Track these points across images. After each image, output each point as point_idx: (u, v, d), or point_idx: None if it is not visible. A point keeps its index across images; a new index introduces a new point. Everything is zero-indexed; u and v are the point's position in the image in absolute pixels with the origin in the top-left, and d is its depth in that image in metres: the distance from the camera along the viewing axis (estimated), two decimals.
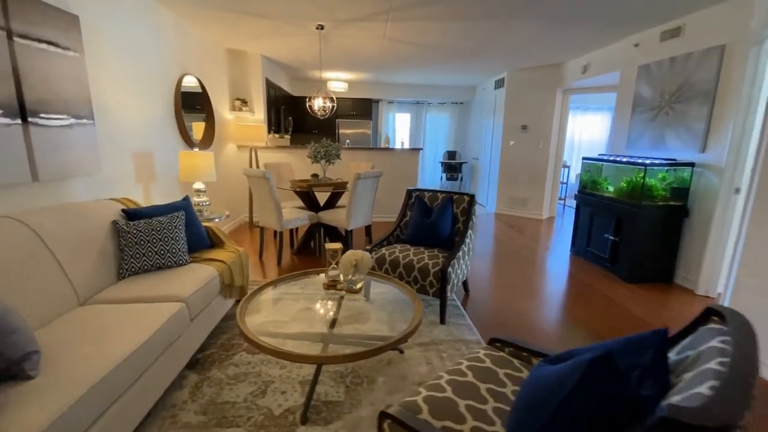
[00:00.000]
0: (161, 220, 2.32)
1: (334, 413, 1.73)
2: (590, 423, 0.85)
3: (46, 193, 2.13)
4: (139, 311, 1.73)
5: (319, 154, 4.02)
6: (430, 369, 2.07)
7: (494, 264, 3.91)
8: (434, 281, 2.51)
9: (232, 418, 1.68)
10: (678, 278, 3.40)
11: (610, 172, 3.84)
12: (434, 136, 8.54)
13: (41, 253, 1.76)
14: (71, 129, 2.24)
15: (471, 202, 2.95)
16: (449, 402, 1.19)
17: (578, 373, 0.85)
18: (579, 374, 0.85)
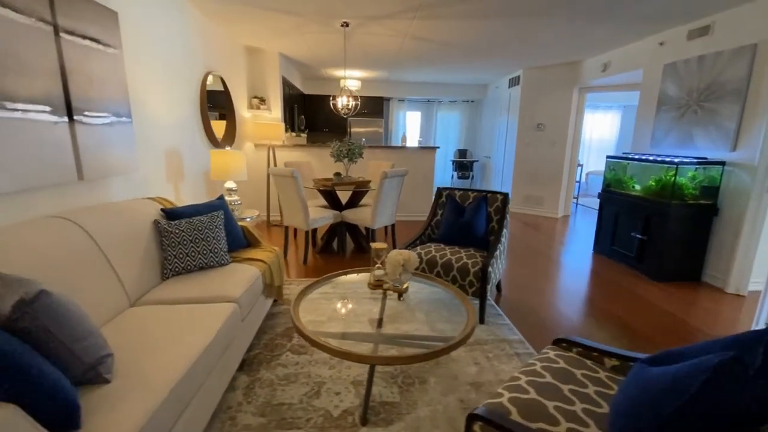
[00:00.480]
0: (202, 219, 2.29)
1: (392, 414, 1.71)
2: (711, 427, 0.84)
3: (89, 192, 2.11)
4: (196, 312, 1.70)
5: (341, 153, 4.00)
6: (479, 369, 2.06)
7: (518, 263, 3.90)
8: (474, 281, 2.50)
9: (291, 420, 1.66)
10: (706, 277, 3.40)
11: (636, 170, 3.83)
12: (445, 135, 8.53)
13: (94, 254, 1.73)
14: (112, 127, 2.21)
15: (505, 200, 2.94)
16: (537, 403, 1.17)
17: (704, 375, 0.84)
18: (705, 377, 0.84)
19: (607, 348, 1.46)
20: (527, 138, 6.15)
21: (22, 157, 1.62)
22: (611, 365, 1.43)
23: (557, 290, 3.22)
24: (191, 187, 3.32)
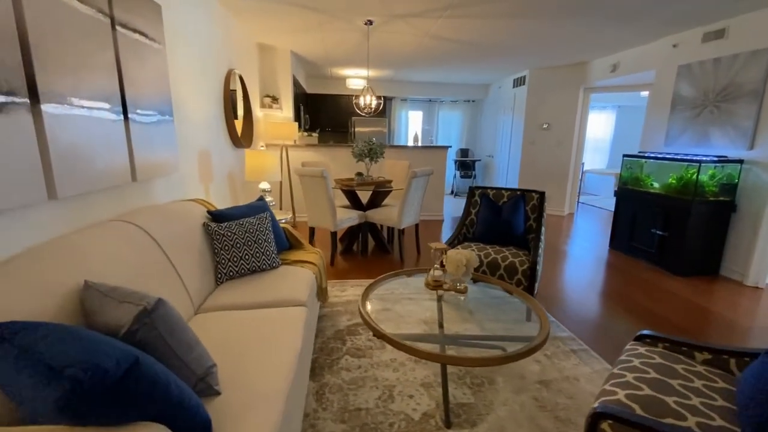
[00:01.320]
0: (251, 221, 2.22)
1: (472, 415, 1.70)
2: None
3: (141, 194, 2.01)
4: (271, 317, 1.65)
5: (363, 152, 3.96)
6: (542, 367, 2.07)
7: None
8: (522, 279, 2.51)
9: (374, 425, 1.63)
10: (724, 270, 3.53)
11: (653, 168, 3.94)
12: (446, 134, 8.57)
13: (161, 259, 1.65)
14: (158, 126, 2.12)
15: (541, 199, 2.97)
16: (656, 399, 1.18)
17: None
18: None
19: (696, 342, 1.49)
20: (533, 137, 6.25)
21: (89, 157, 1.53)
22: (702, 359, 1.46)
23: (584, 285, 3.28)
24: (218, 189, 3.22)
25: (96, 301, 1.12)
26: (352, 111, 7.69)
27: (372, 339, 2.32)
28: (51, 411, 0.74)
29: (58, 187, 1.35)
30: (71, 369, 0.71)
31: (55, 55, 1.34)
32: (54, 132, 1.33)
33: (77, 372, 0.71)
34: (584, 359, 2.16)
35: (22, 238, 1.26)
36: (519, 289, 2.15)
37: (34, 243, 1.32)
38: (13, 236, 1.23)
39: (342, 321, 2.53)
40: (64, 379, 0.71)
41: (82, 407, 0.72)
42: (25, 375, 0.77)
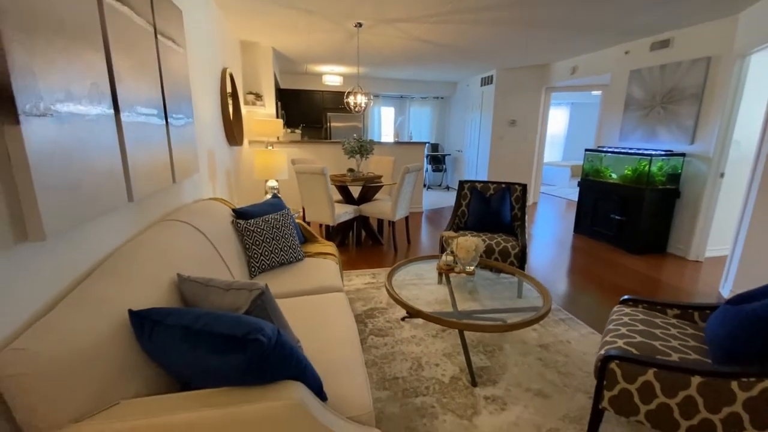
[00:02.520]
0: (276, 217, 2.37)
1: (492, 375, 2.01)
2: None
3: (176, 195, 2.10)
4: (317, 302, 1.84)
5: (354, 149, 4.15)
6: (538, 334, 2.43)
7: None
8: (515, 261, 2.87)
9: (413, 389, 1.89)
10: (671, 248, 4.14)
11: (611, 161, 4.48)
12: (417, 130, 8.89)
13: (213, 253, 1.79)
14: (185, 129, 2.20)
15: (524, 190, 3.35)
16: (647, 344, 1.54)
17: None
18: None
19: (667, 301, 1.89)
20: (502, 133, 6.72)
21: (150, 161, 1.63)
22: (673, 314, 1.86)
23: (557, 264, 3.73)
24: (221, 187, 3.28)
25: (199, 291, 1.28)
26: (326, 106, 7.78)
27: (390, 320, 2.56)
28: (231, 373, 0.92)
29: (134, 190, 1.45)
30: (253, 335, 0.90)
31: (126, 67, 1.44)
32: (130, 139, 1.43)
33: (260, 336, 0.90)
34: (571, 325, 2.55)
35: (108, 238, 1.37)
36: (520, 271, 2.49)
37: (118, 242, 1.42)
38: (102, 235, 1.34)
39: (357, 307, 2.75)
40: (249, 344, 0.89)
41: (263, 366, 0.92)
42: (202, 349, 0.94)
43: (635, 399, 1.43)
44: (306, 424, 0.98)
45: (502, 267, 2.57)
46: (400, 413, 1.72)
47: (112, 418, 0.87)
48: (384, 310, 2.72)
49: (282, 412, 0.95)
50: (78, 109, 1.11)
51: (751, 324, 1.33)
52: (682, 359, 1.44)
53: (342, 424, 1.07)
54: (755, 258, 2.81)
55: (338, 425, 1.05)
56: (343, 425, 1.07)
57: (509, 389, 1.90)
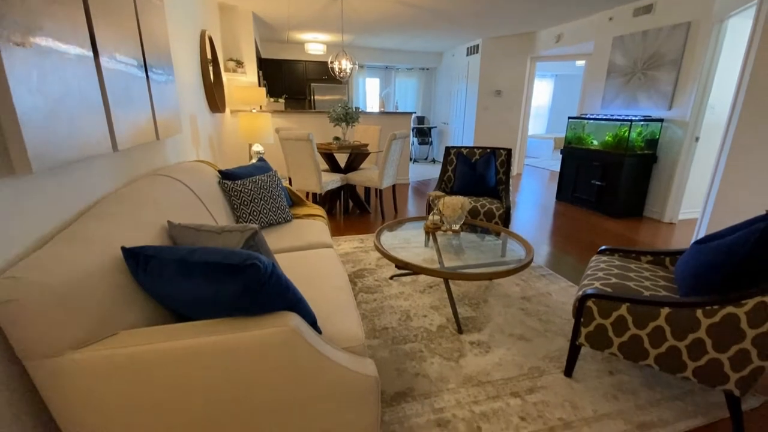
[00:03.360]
0: (263, 179, 2.37)
1: (477, 323, 2.11)
2: (763, 274, 1.35)
3: (160, 153, 2.07)
4: (308, 256, 1.87)
5: (341, 117, 4.11)
6: (521, 288, 2.54)
7: None
8: (499, 222, 2.95)
9: (402, 337, 1.97)
10: (647, 211, 4.30)
11: (592, 128, 4.57)
12: (403, 102, 8.80)
13: (201, 208, 1.79)
14: (166, 86, 2.14)
15: (508, 155, 3.40)
16: (622, 285, 1.64)
17: (755, 236, 1.34)
18: (756, 236, 1.33)
19: (641, 249, 1.99)
20: (487, 103, 6.72)
21: (131, 112, 1.60)
22: (647, 260, 1.97)
23: (538, 228, 3.85)
24: (205, 153, 3.23)
25: (191, 236, 1.29)
26: (310, 77, 7.60)
27: (378, 279, 2.63)
28: (230, 300, 0.95)
29: (118, 138, 1.43)
30: (250, 261, 0.93)
31: (104, 13, 1.39)
32: (110, 86, 1.40)
33: (256, 262, 0.93)
34: (552, 280, 2.67)
35: (97, 184, 1.36)
36: (505, 229, 2.57)
37: (107, 190, 1.41)
38: (91, 181, 1.32)
39: (347, 268, 2.81)
40: (247, 269, 0.92)
41: (259, 294, 0.95)
42: (199, 278, 0.96)
43: (609, 333, 1.53)
44: (302, 349, 1.02)
45: (486, 225, 2.65)
46: (390, 357, 1.81)
47: (111, 346, 0.90)
48: (373, 270, 2.78)
49: (279, 338, 0.99)
50: (57, 45, 1.08)
51: (716, 256, 1.43)
52: (653, 295, 1.55)
53: (336, 352, 1.12)
54: (723, 218, 2.96)
55: (332, 352, 1.10)
56: (337, 353, 1.12)
57: (493, 335, 2.00)
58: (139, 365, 0.91)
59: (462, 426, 1.42)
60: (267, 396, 1.03)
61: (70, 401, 0.90)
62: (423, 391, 1.60)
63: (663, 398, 1.58)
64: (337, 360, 1.09)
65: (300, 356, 1.03)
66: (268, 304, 1.02)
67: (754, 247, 1.33)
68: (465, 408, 1.51)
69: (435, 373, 1.70)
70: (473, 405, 1.52)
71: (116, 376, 0.90)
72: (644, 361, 1.48)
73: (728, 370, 1.33)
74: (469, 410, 1.49)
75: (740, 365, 1.31)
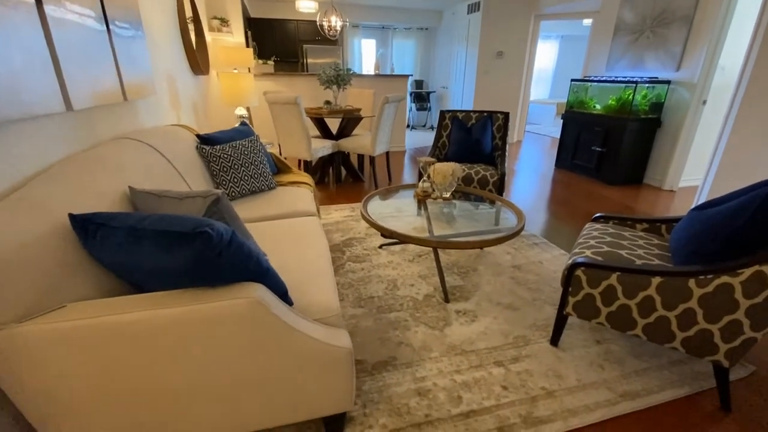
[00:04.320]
0: (244, 143, 2.25)
1: (465, 292, 2.07)
2: (763, 241, 1.27)
3: (129, 115, 1.94)
4: (290, 224, 1.80)
5: (331, 79, 3.91)
6: (512, 256, 2.48)
7: None
8: (493, 189, 2.85)
9: (387, 306, 1.93)
10: (647, 179, 4.19)
11: (596, 92, 4.36)
12: (401, 65, 8.44)
13: (173, 173, 1.70)
14: (134, 42, 1.98)
15: (506, 119, 3.25)
16: (613, 253, 1.57)
17: (757, 202, 1.25)
18: (758, 203, 1.25)
19: (637, 216, 1.91)
20: (487, 66, 6.43)
21: (88, 70, 1.46)
22: (642, 228, 1.89)
23: (536, 196, 3.76)
24: (187, 117, 3.08)
25: (152, 202, 1.21)
26: (302, 38, 7.24)
27: (367, 248, 2.57)
28: (183, 271, 0.88)
29: (72, 96, 1.32)
30: (200, 228, 0.85)
31: None
32: (59, 37, 1.27)
33: (207, 230, 0.85)
34: (544, 249, 2.61)
35: (48, 149, 1.26)
36: (498, 196, 2.48)
37: (61, 155, 1.31)
38: (40, 145, 1.22)
39: (336, 237, 2.74)
40: (197, 237, 0.84)
41: (208, 263, 0.87)
42: (148, 246, 0.89)
43: (597, 302, 1.48)
44: (267, 321, 0.97)
45: (478, 193, 2.55)
46: (374, 326, 1.77)
47: (55, 319, 0.84)
48: (362, 239, 2.71)
49: (240, 310, 0.93)
50: None
51: (714, 224, 1.35)
52: (645, 264, 1.48)
53: (307, 324, 1.07)
54: (725, 185, 2.86)
55: (302, 324, 1.05)
56: (307, 325, 1.07)
57: (480, 304, 1.96)
58: (87, 340, 0.85)
59: (442, 395, 1.40)
60: (232, 369, 0.99)
61: (17, 375, 0.85)
62: (405, 360, 1.57)
63: (650, 367, 1.56)
64: (306, 332, 1.03)
65: (265, 329, 0.97)
66: (228, 275, 0.95)
67: (755, 214, 1.25)
68: (447, 377, 1.48)
69: (419, 342, 1.67)
70: (455, 374, 1.50)
71: (63, 350, 0.85)
72: (632, 331, 1.44)
73: (718, 341, 1.29)
74: (450, 379, 1.47)
75: (731, 336, 1.26)
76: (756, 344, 1.40)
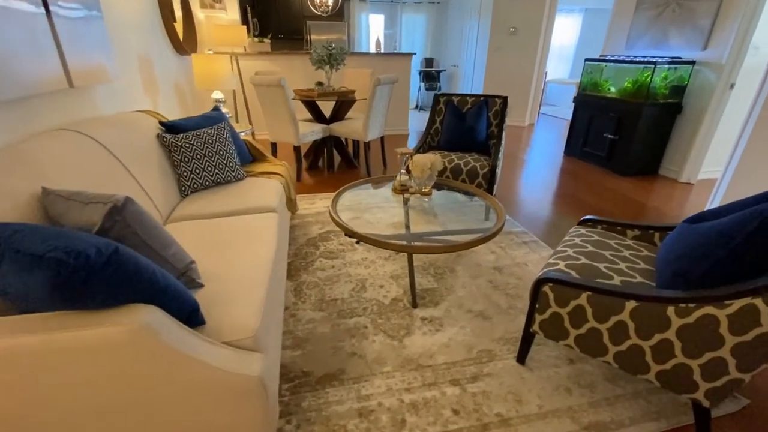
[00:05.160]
0: (209, 132, 2.12)
1: (436, 297, 1.92)
2: (757, 268, 1.07)
3: (81, 103, 1.84)
4: (244, 222, 1.68)
5: (323, 59, 3.71)
6: (496, 257, 2.31)
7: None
8: (483, 182, 2.65)
9: (349, 310, 1.81)
10: (662, 170, 3.87)
11: (611, 73, 4.00)
12: (410, 42, 8.06)
13: (117, 168, 1.59)
14: (86, 22, 1.85)
15: (504, 104, 3.00)
16: (590, 266, 1.39)
17: (754, 223, 1.04)
18: (755, 224, 1.04)
19: (628, 222, 1.71)
20: (500, 43, 6.03)
21: (18, 56, 1.35)
22: (633, 235, 1.69)
23: (537, 187, 3.52)
24: (167, 101, 2.97)
25: (60, 205, 1.10)
26: (307, 14, 6.96)
27: (343, 242, 2.44)
28: (42, 297, 0.78)
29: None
30: (53, 253, 0.73)
31: None
32: None
33: (60, 255, 0.73)
34: (534, 249, 2.42)
35: None
36: (477, 188, 2.29)
37: None
38: None
39: (314, 230, 2.63)
40: (46, 262, 0.73)
41: (70, 289, 0.76)
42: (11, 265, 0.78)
43: (565, 323, 1.32)
44: (155, 351, 0.86)
45: (460, 186, 2.37)
46: (330, 333, 1.66)
47: None
48: (340, 233, 2.59)
49: (121, 338, 0.82)
50: None
51: (704, 242, 1.15)
52: (624, 282, 1.30)
53: (209, 349, 0.96)
54: (745, 179, 2.56)
55: (202, 350, 0.94)
56: (210, 350, 0.96)
57: (450, 311, 1.82)
58: None
59: (385, 417, 1.29)
60: (117, 397, 0.89)
61: None
62: (354, 374, 1.46)
63: (624, 394, 1.39)
64: (205, 359, 0.92)
65: (152, 357, 0.86)
66: (107, 297, 0.84)
67: (750, 236, 1.05)
68: (395, 396, 1.37)
69: (373, 354, 1.55)
70: (405, 393, 1.38)
71: None
72: (602, 358, 1.28)
73: (698, 379, 1.11)
74: (398, 399, 1.35)
75: (713, 376, 1.08)
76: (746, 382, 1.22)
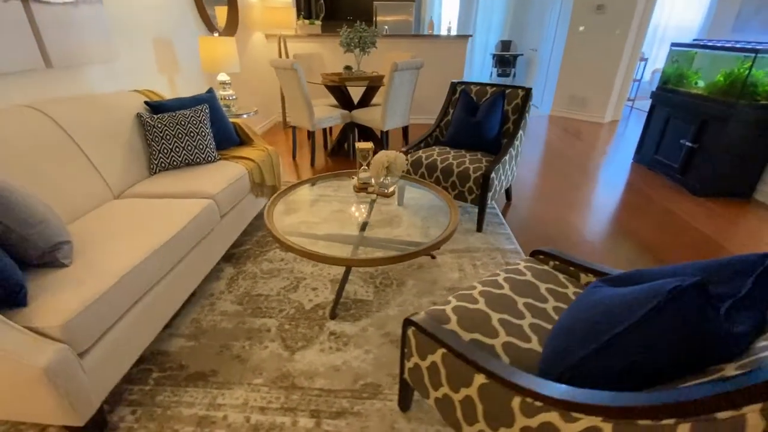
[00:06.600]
0: (185, 113, 2.19)
1: (362, 311, 1.74)
2: (653, 357, 0.71)
3: (63, 82, 2.03)
4: (170, 206, 1.71)
5: (352, 41, 3.57)
6: (461, 276, 2.01)
7: (543, 172, 3.58)
8: (474, 187, 2.31)
9: (266, 309, 1.75)
10: (759, 194, 2.95)
11: (705, 62, 3.12)
12: (486, 22, 7.39)
13: (67, 146, 1.72)
14: (76, 8, 2.02)
15: (526, 97, 2.55)
16: (481, 314, 1.09)
17: (654, 301, 0.68)
18: (654, 304, 0.68)
19: (587, 263, 1.31)
20: (582, 21, 5.16)
21: None
22: (586, 281, 1.29)
23: (577, 202, 2.95)
24: (187, 81, 3.16)
25: None
26: None
27: None
28: None
29: None
30: None
31: None
32: None
33: None
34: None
35: None
36: (444, 191, 1.99)
37: None
38: None
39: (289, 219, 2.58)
40: None
41: None
42: None
43: (425, 379, 1.07)
44: None
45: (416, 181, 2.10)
46: (230, 331, 1.62)
47: None
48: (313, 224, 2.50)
49: None
50: None
51: (590, 319, 0.81)
52: (506, 345, 0.99)
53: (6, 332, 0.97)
54: None
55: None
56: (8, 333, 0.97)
57: (366, 329, 1.63)
58: None
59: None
60: None
61: None
62: (224, 378, 1.40)
63: None
64: None
65: None
66: None
67: (644, 320, 0.69)
68: (245, 412, 1.27)
69: (256, 361, 1.47)
70: (257, 412, 1.27)
71: None
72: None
73: None
74: (246, 416, 1.26)
75: None
76: None
